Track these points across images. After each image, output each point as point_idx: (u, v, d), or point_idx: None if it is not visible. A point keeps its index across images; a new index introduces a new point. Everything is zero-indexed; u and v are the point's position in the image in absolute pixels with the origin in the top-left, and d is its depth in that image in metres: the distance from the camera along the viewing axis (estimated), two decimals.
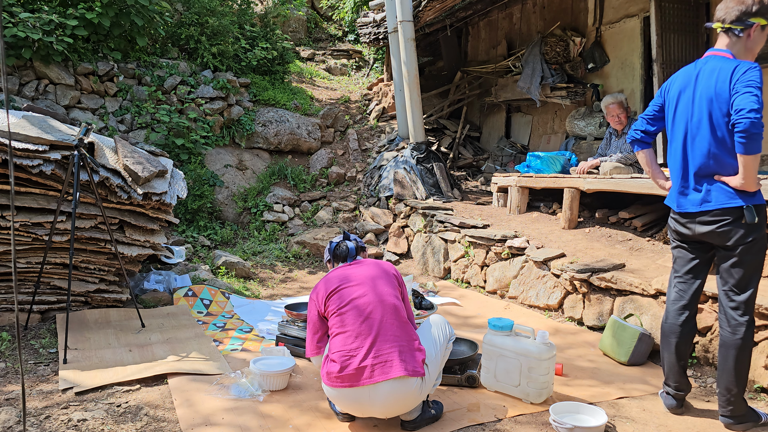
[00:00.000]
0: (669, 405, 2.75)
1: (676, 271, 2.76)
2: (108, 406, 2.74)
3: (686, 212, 2.63)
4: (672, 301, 2.75)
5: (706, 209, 2.54)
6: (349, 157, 7.96)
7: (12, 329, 3.72)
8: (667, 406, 2.76)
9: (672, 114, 2.69)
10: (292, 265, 6.06)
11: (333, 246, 2.79)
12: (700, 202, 2.56)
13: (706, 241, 2.60)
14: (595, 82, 6.64)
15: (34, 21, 5.76)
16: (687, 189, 2.63)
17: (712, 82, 2.49)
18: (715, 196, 2.52)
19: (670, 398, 2.75)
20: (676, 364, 2.71)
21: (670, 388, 2.75)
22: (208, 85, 7.37)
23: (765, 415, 2.62)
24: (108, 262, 4.12)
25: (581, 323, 4.04)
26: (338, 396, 2.44)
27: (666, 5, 4.96)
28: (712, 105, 2.49)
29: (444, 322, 2.72)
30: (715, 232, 2.52)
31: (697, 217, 2.58)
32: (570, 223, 4.99)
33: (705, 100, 2.52)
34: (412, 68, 6.91)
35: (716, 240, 2.55)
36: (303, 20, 11.77)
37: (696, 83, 2.58)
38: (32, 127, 3.76)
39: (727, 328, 2.55)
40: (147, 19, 6.52)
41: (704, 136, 2.53)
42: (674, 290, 2.75)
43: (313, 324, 2.63)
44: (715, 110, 2.48)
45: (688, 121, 2.59)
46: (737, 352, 2.51)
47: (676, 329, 2.70)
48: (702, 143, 2.54)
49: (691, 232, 2.62)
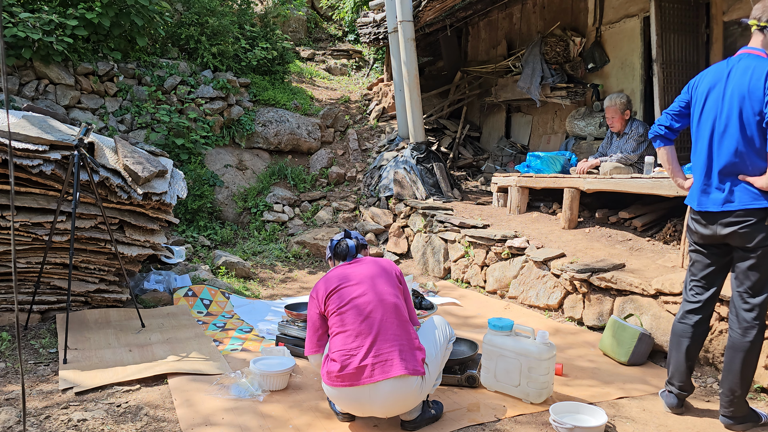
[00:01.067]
0: (670, 404, 2.75)
1: (693, 274, 2.72)
2: (108, 406, 2.74)
3: (707, 212, 2.57)
4: (686, 302, 2.73)
5: (728, 209, 2.49)
6: (349, 157, 7.96)
7: (12, 329, 3.72)
8: (668, 404, 2.76)
9: (699, 111, 2.63)
10: (292, 265, 6.06)
11: (334, 244, 2.78)
12: (723, 202, 2.51)
13: (726, 242, 2.56)
14: (595, 82, 6.63)
15: (34, 21, 5.76)
16: (710, 188, 2.57)
17: (746, 80, 2.44)
18: (738, 197, 2.47)
19: (672, 397, 2.74)
20: (684, 364, 2.70)
21: (673, 387, 2.74)
22: (208, 85, 7.36)
23: (765, 416, 2.62)
24: (108, 262, 4.12)
25: (581, 323, 4.04)
26: (338, 395, 2.44)
27: (666, 5, 4.95)
28: (743, 103, 2.45)
29: (444, 323, 2.72)
30: (737, 232, 2.47)
31: (719, 218, 2.53)
32: (570, 223, 4.99)
33: (736, 98, 2.47)
34: (412, 68, 6.91)
35: (737, 241, 2.50)
36: (303, 20, 11.77)
37: (727, 80, 2.53)
38: (32, 127, 3.76)
39: (738, 330, 2.52)
40: (147, 19, 6.52)
41: (732, 134, 2.49)
42: (690, 293, 2.73)
43: (313, 323, 2.63)
44: (746, 108, 2.44)
45: (716, 118, 2.54)
46: (745, 354, 2.49)
47: (688, 331, 2.69)
48: (730, 141, 2.50)
49: (711, 232, 2.57)
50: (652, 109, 5.38)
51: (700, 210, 2.61)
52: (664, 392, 2.81)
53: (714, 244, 2.62)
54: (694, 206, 2.66)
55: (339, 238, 2.81)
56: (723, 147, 2.52)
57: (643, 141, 4.98)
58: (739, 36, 5.00)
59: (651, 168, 4.51)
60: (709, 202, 2.56)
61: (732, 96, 2.49)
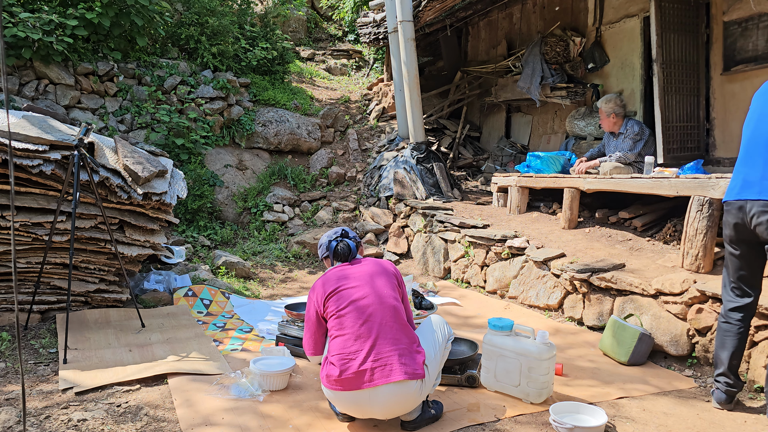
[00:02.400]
0: (719, 399, 2.81)
1: (729, 275, 2.79)
2: (108, 406, 2.74)
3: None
4: (727, 301, 2.79)
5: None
6: (349, 157, 7.96)
7: (12, 329, 3.72)
8: (717, 400, 2.81)
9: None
10: (292, 265, 6.06)
11: (333, 245, 2.73)
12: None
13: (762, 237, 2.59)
14: (595, 82, 6.63)
15: (34, 21, 5.76)
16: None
17: None
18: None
19: (720, 393, 2.80)
20: (730, 361, 2.75)
21: (720, 384, 2.79)
22: (208, 85, 7.36)
23: None
24: (108, 262, 4.12)
25: (581, 323, 4.04)
26: (338, 398, 2.44)
27: (666, 5, 4.95)
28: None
29: (443, 323, 2.71)
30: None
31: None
32: (570, 223, 4.99)
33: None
34: (412, 68, 6.91)
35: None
36: (303, 20, 11.76)
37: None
38: (32, 127, 3.76)
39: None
40: (147, 19, 6.52)
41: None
42: (729, 293, 2.79)
43: (311, 324, 2.62)
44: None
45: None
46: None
47: (732, 329, 2.74)
48: None
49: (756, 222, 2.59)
50: (652, 109, 5.39)
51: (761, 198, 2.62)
52: (715, 390, 2.84)
53: (747, 242, 2.70)
54: (745, 196, 2.66)
55: (333, 236, 2.76)
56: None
57: (639, 139, 5.00)
58: (739, 36, 5.00)
59: (651, 168, 4.51)
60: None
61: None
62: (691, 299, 3.29)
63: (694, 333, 3.27)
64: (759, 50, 4.84)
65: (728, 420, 2.69)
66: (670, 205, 4.57)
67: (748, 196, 2.63)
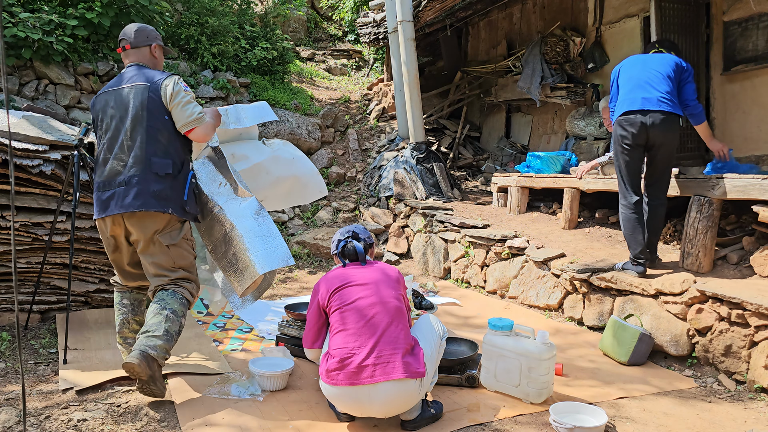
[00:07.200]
0: (639, 272, 3.60)
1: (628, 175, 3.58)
2: (108, 406, 2.74)
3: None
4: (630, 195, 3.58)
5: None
6: (349, 157, 7.96)
7: (12, 329, 3.72)
8: (638, 273, 3.60)
9: None
10: (292, 265, 6.05)
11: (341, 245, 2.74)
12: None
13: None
14: (595, 82, 6.64)
15: (34, 21, 5.76)
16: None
17: None
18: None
19: (640, 267, 3.61)
20: (648, 239, 3.66)
21: (642, 260, 3.62)
22: (208, 85, 7.36)
23: None
24: (108, 262, 4.11)
25: (581, 323, 4.04)
26: (337, 394, 2.44)
27: (666, 5, 4.95)
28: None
29: (436, 321, 2.72)
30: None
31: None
32: (570, 223, 4.99)
33: None
34: (412, 68, 6.91)
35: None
36: (303, 20, 11.77)
37: None
38: (32, 127, 3.76)
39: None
40: (147, 19, 6.52)
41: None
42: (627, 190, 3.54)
43: (313, 314, 2.63)
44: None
45: None
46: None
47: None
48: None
49: None
50: None
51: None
52: (636, 266, 3.61)
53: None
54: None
55: (347, 239, 2.77)
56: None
57: None
58: (739, 36, 5.00)
59: None
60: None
61: None
62: (691, 299, 3.29)
63: (694, 333, 3.27)
64: (759, 50, 4.84)
65: (728, 420, 2.69)
66: (670, 205, 4.56)
67: (650, 107, 3.50)
